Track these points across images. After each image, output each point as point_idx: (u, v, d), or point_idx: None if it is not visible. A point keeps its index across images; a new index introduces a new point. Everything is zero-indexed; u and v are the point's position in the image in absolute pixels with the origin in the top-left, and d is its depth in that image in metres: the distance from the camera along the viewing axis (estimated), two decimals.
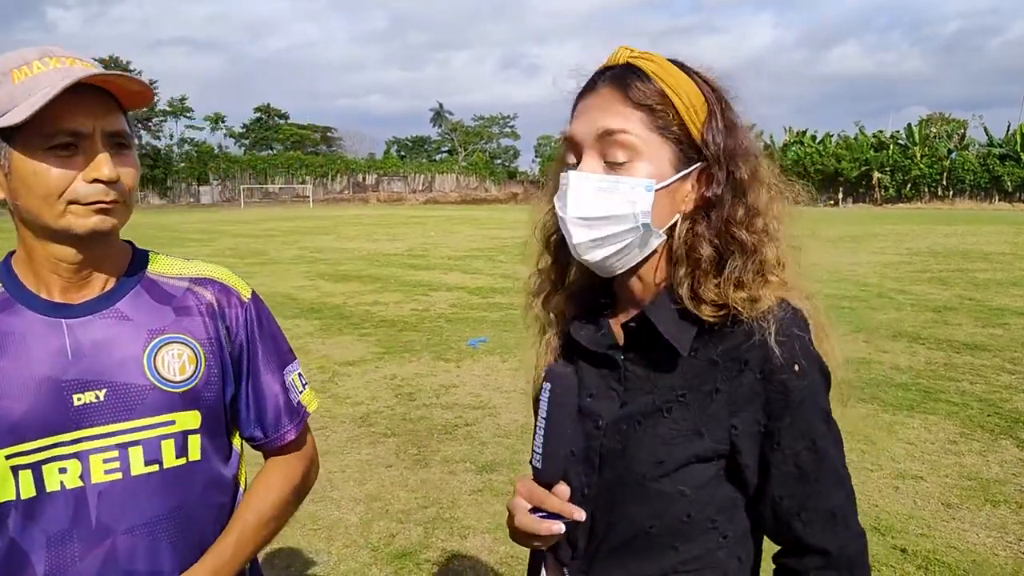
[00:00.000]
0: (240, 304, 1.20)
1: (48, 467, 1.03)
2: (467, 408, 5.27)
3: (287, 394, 1.24)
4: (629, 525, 0.98)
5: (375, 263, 14.62)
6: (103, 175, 0.99)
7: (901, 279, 11.61)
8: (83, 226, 1.01)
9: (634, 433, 0.97)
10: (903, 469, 4.08)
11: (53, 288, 1.07)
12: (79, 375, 1.04)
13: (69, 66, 0.99)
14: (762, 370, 0.92)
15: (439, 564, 3.18)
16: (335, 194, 61.67)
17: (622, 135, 0.93)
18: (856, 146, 53.64)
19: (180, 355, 1.11)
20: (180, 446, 1.10)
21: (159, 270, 1.17)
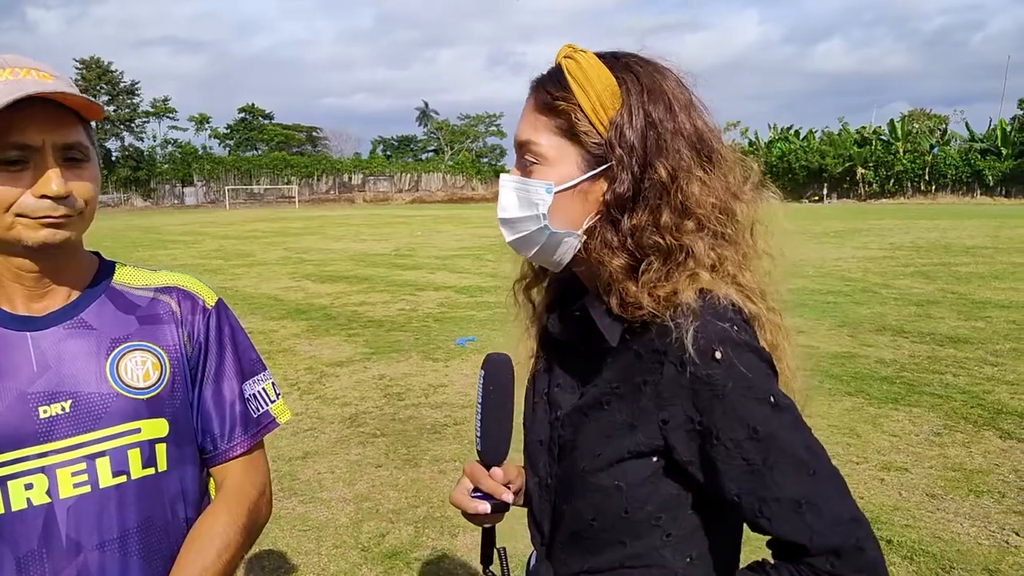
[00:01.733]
0: (203, 311, 1.19)
1: (14, 483, 1.00)
2: (456, 407, 5.27)
3: (245, 404, 1.20)
4: (577, 517, 0.99)
5: (362, 263, 14.57)
6: (51, 191, 0.97)
7: (885, 273, 11.72)
8: (33, 238, 1.00)
9: (583, 425, 0.97)
10: (888, 461, 4.13)
11: (16, 299, 1.06)
12: (45, 387, 1.03)
13: (22, 78, 0.97)
14: (681, 361, 0.87)
15: (430, 563, 3.19)
16: (321, 194, 61.37)
17: (530, 145, 0.96)
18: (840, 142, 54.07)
19: (144, 362, 1.10)
20: (147, 456, 1.08)
21: (124, 280, 1.16)
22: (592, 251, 0.95)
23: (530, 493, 1.09)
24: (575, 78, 0.93)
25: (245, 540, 1.16)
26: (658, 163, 0.91)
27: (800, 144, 55.42)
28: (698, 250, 0.91)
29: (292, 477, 4.06)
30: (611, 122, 0.92)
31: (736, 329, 0.88)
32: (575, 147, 0.94)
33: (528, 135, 0.96)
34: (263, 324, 8.35)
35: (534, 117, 0.96)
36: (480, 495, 1.05)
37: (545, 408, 1.07)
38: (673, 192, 0.91)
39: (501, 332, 7.66)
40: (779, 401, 0.87)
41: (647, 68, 0.95)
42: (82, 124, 1.04)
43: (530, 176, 0.96)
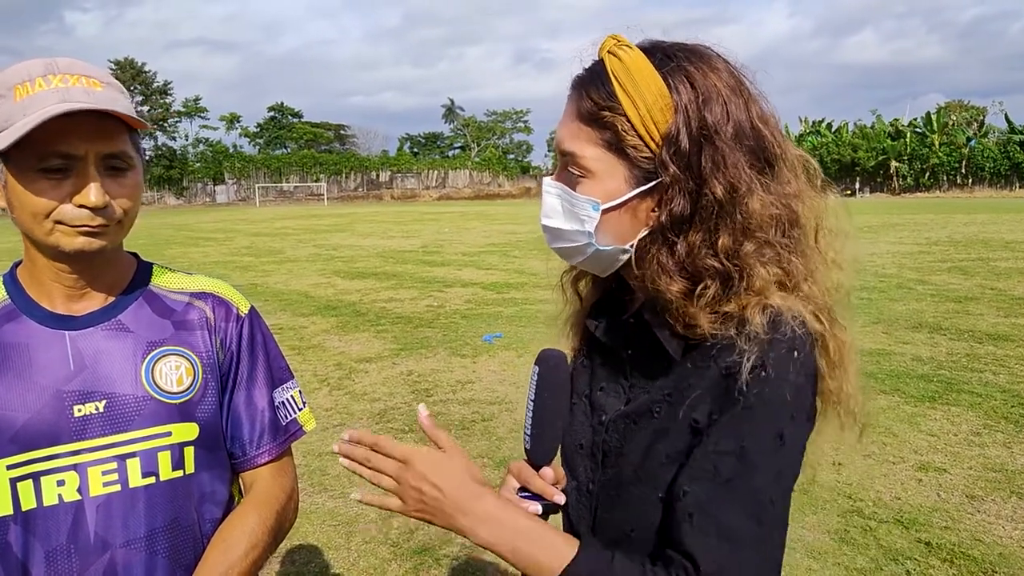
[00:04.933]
0: (236, 318, 1.20)
1: (46, 479, 1.02)
2: (484, 404, 5.28)
3: (274, 412, 1.21)
4: (616, 526, 0.95)
5: (390, 260, 14.65)
6: (89, 202, 0.98)
7: (920, 269, 11.47)
8: (70, 245, 1.01)
9: (631, 433, 0.94)
10: (926, 461, 4.03)
11: (56, 298, 1.07)
12: (80, 386, 1.04)
13: (69, 87, 0.97)
14: (728, 365, 0.84)
15: (459, 560, 3.19)
16: (349, 192, 61.91)
17: (574, 158, 0.90)
18: (873, 135, 53.06)
19: (178, 367, 1.11)
20: (176, 458, 1.09)
21: (161, 284, 1.17)
22: (646, 273, 0.89)
23: (567, 496, 1.04)
24: (622, 84, 0.86)
25: (271, 541, 1.17)
26: (715, 180, 0.84)
27: (832, 137, 54.51)
28: (760, 273, 0.85)
29: (322, 472, 4.09)
30: (663, 137, 0.85)
31: (789, 354, 0.83)
32: (623, 162, 0.88)
33: (571, 146, 0.90)
34: (293, 320, 8.44)
35: (577, 127, 0.90)
36: (529, 495, 0.99)
37: (586, 411, 1.02)
38: (732, 211, 0.84)
39: (529, 328, 7.65)
40: (786, 443, 0.83)
41: (700, 65, 0.87)
42: (128, 132, 1.04)
43: (575, 188, 0.91)
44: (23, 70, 0.98)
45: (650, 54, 0.87)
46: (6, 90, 0.97)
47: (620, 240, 0.91)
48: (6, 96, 0.97)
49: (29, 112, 0.94)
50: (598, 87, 0.88)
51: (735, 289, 0.85)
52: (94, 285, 1.09)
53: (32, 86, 0.97)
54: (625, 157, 0.87)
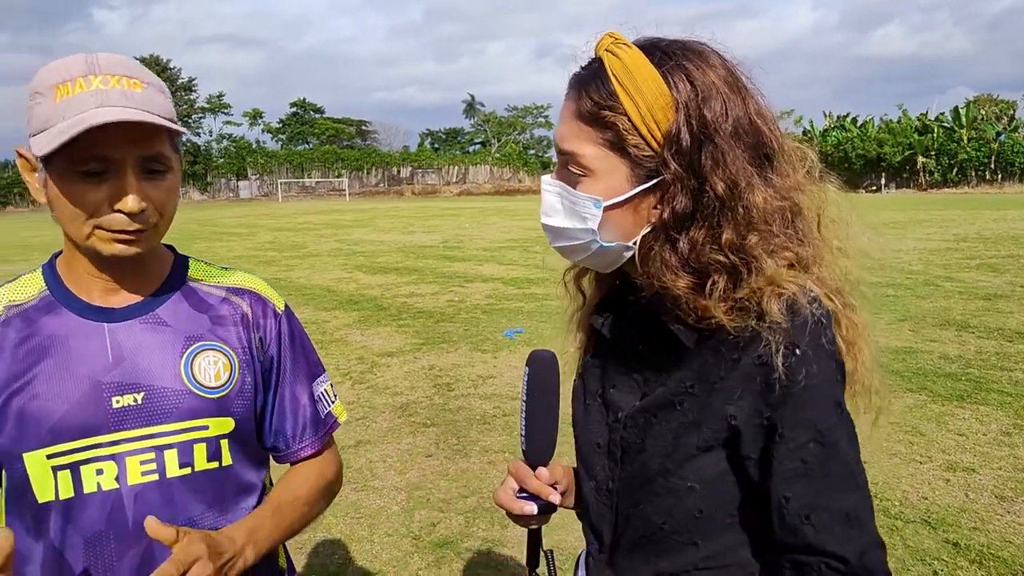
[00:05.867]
0: (274, 315, 1.21)
1: (86, 468, 1.03)
2: (505, 399, 5.28)
3: (315, 406, 1.24)
4: (645, 521, 0.96)
5: (411, 255, 14.71)
6: (126, 207, 0.98)
7: (948, 266, 11.27)
8: (107, 250, 1.01)
9: (651, 427, 0.94)
10: (954, 461, 3.97)
11: (94, 291, 1.08)
12: (118, 378, 1.05)
13: (109, 88, 0.96)
14: (760, 355, 0.84)
15: (480, 554, 3.20)
16: (370, 187, 62.23)
17: (575, 157, 0.90)
18: (899, 130, 52.22)
19: (215, 362, 1.12)
20: (212, 450, 1.10)
21: (198, 277, 1.18)
22: (651, 269, 0.90)
23: (585, 498, 1.05)
24: (621, 82, 0.86)
25: (326, 502, 1.25)
26: (715, 177, 0.85)
27: (856, 132, 53.74)
28: (767, 264, 0.86)
29: (345, 465, 4.08)
30: (664, 135, 0.86)
31: (816, 329, 0.85)
32: (623, 160, 0.88)
33: (571, 146, 0.90)
34: (316, 315, 8.51)
35: (576, 126, 0.90)
36: (526, 496, 1.01)
37: (600, 409, 1.02)
38: (734, 206, 0.85)
39: (549, 324, 7.64)
40: (844, 410, 0.87)
41: (698, 63, 0.87)
42: (167, 132, 1.02)
43: (576, 187, 0.91)
44: (63, 68, 0.97)
45: (648, 52, 0.87)
46: (46, 89, 0.96)
47: (623, 237, 0.92)
48: (46, 95, 0.96)
49: (67, 116, 0.94)
50: (598, 86, 0.88)
51: (744, 280, 0.86)
52: (132, 280, 1.10)
53: (72, 86, 0.95)
54: (626, 156, 0.88)
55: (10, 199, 48.80)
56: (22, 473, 1.03)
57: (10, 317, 1.06)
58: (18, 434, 1.02)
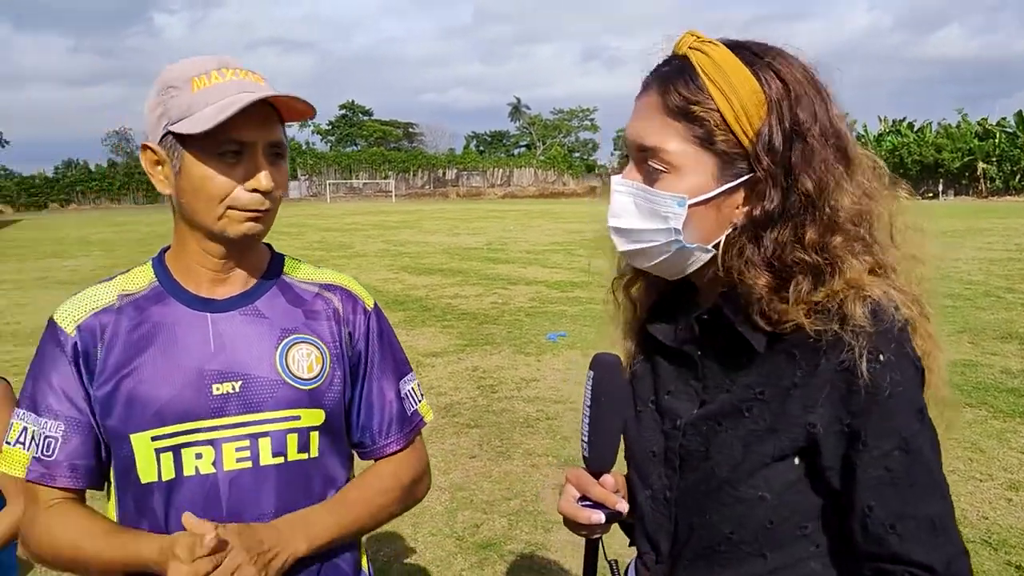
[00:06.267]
0: (364, 312, 1.25)
1: (186, 451, 1.08)
2: (548, 402, 5.27)
3: (401, 403, 1.27)
4: (711, 531, 0.93)
5: (456, 256, 14.81)
6: (262, 186, 1.06)
7: (1011, 276, 10.84)
8: (236, 231, 1.08)
9: (715, 435, 0.91)
10: (1016, 480, 3.81)
11: (200, 282, 1.14)
12: (219, 366, 1.10)
13: (242, 79, 1.06)
14: (842, 361, 0.82)
15: (523, 557, 3.20)
16: (416, 189, 62.87)
17: (658, 152, 0.88)
18: (958, 135, 50.46)
19: (308, 354, 1.16)
20: (303, 441, 1.14)
21: (293, 274, 1.23)
22: (731, 267, 0.88)
23: (640, 507, 1.03)
24: (712, 79, 0.86)
25: (403, 497, 1.25)
26: (805, 176, 0.85)
27: (913, 137, 52.13)
28: (853, 264, 0.85)
29: None
30: (756, 133, 0.85)
31: (900, 335, 0.84)
32: (711, 156, 0.87)
33: (655, 140, 0.88)
34: None
35: (662, 121, 0.88)
36: (590, 504, 0.97)
37: (654, 417, 1.00)
38: (821, 205, 0.85)
39: (593, 328, 7.60)
40: (926, 417, 0.85)
41: (784, 62, 0.87)
42: (281, 125, 1.12)
43: (655, 185, 0.89)
44: (198, 64, 1.06)
45: (736, 51, 0.87)
46: (182, 82, 1.05)
47: (704, 238, 0.90)
48: (182, 88, 1.04)
49: (212, 100, 1.02)
50: (686, 82, 0.87)
51: (826, 281, 0.84)
52: (236, 271, 1.15)
53: (208, 79, 1.04)
54: (715, 152, 0.87)
55: (73, 197, 50.72)
56: (129, 453, 1.08)
57: (123, 306, 1.13)
58: (127, 416, 1.08)
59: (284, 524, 1.09)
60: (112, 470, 1.13)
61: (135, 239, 20.35)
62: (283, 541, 1.06)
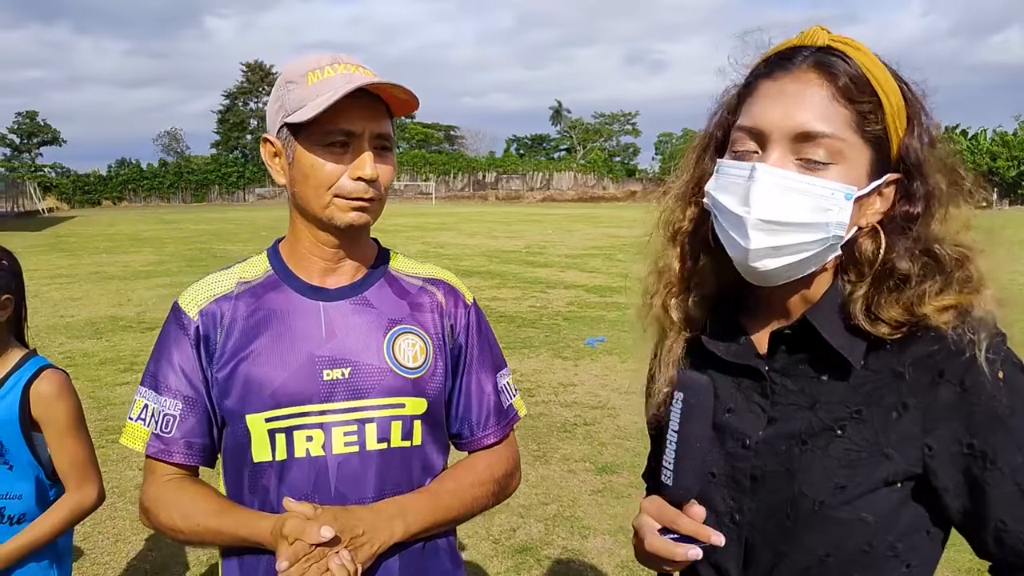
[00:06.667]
0: (464, 306, 1.29)
1: (298, 433, 1.13)
2: (586, 407, 5.25)
3: (498, 396, 1.29)
4: (802, 555, 0.88)
5: (495, 259, 14.85)
6: (365, 174, 1.09)
7: None
8: (342, 219, 1.12)
9: (800, 454, 0.87)
10: None
11: (313, 272, 1.19)
12: (330, 353, 1.15)
13: (352, 72, 1.10)
14: (962, 382, 0.81)
15: (560, 562, 3.18)
16: (456, 192, 63.27)
17: (824, 139, 0.83)
18: (1015, 143, 48.84)
19: (413, 344, 1.20)
20: (406, 429, 1.18)
21: (398, 267, 1.28)
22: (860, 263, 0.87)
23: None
24: (873, 75, 0.84)
25: (496, 490, 1.27)
26: (938, 176, 0.86)
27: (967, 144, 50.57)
28: (979, 265, 0.85)
29: None
30: (904, 130, 0.86)
31: (1008, 349, 0.84)
32: (870, 150, 0.85)
33: (822, 125, 0.82)
34: None
35: (829, 105, 0.83)
36: (678, 537, 0.88)
37: (712, 437, 0.95)
38: (949, 206, 0.87)
39: (632, 334, 7.50)
40: None
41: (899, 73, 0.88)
42: (390, 118, 1.16)
43: (818, 174, 0.83)
44: (313, 61, 1.12)
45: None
46: (299, 77, 1.11)
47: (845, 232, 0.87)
48: (299, 83, 1.10)
49: (322, 93, 1.07)
50: (847, 72, 0.84)
51: (950, 281, 0.85)
52: (346, 261, 1.20)
53: (322, 73, 1.10)
54: (873, 146, 0.85)
55: (125, 195, 52.30)
56: (244, 432, 1.14)
57: (241, 293, 1.19)
58: (243, 397, 1.13)
59: (384, 507, 1.12)
60: (224, 448, 1.19)
61: (182, 236, 20.90)
62: (380, 525, 1.09)
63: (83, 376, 5.94)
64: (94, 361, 6.56)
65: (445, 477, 1.23)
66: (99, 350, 6.98)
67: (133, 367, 6.31)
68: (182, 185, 53.81)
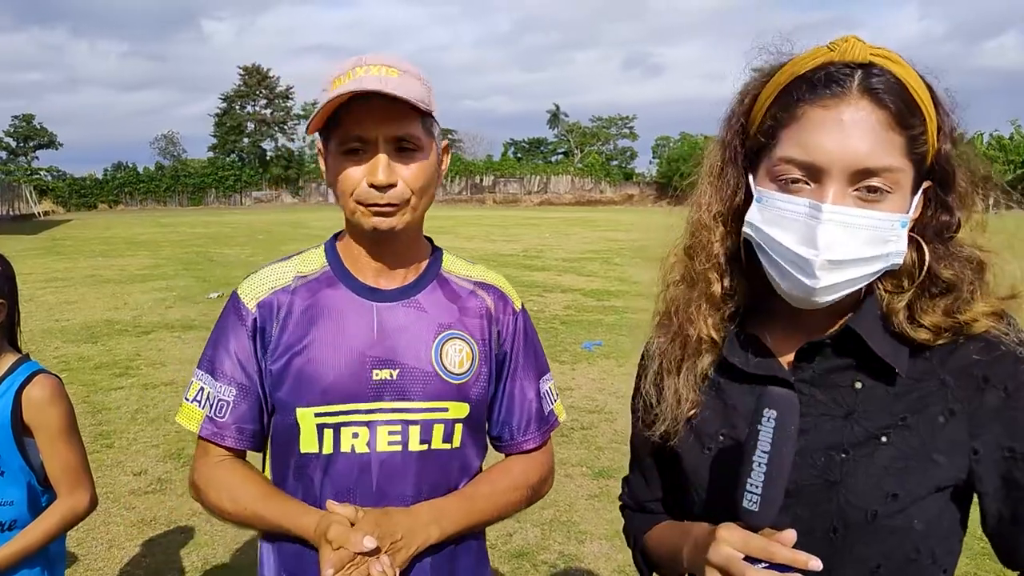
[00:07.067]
0: (513, 312, 1.30)
1: (345, 430, 1.15)
2: (583, 412, 5.24)
3: (540, 402, 1.31)
4: (852, 567, 0.86)
5: (492, 263, 14.72)
6: (376, 180, 1.09)
7: None
8: (366, 224, 1.13)
9: (846, 464, 0.86)
10: None
11: (367, 272, 1.21)
12: (380, 353, 1.16)
13: (370, 75, 1.08)
14: (1006, 387, 0.83)
15: (556, 567, 3.17)
16: (453, 195, 63.30)
17: (886, 172, 0.81)
18: (1011, 147, 49.00)
19: (460, 350, 1.21)
20: (448, 432, 1.19)
21: (450, 269, 1.29)
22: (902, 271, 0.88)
23: None
24: (917, 94, 0.83)
25: (529, 496, 1.28)
26: (961, 180, 0.87)
27: None
28: (1007, 270, 0.87)
29: None
30: (939, 141, 0.86)
31: None
32: (914, 169, 0.85)
33: (885, 159, 0.80)
34: None
35: (888, 136, 0.81)
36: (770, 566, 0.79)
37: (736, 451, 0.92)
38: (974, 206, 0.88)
39: (629, 338, 7.53)
40: None
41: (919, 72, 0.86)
42: (420, 117, 1.12)
43: (876, 207, 0.82)
44: (339, 67, 1.12)
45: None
46: (327, 83, 1.12)
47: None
48: (327, 89, 1.10)
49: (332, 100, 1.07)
50: (900, 92, 0.82)
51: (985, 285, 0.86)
52: (396, 264, 1.21)
53: (344, 78, 1.09)
54: (917, 163, 0.85)
55: (121, 198, 52.20)
56: (293, 424, 1.16)
57: (298, 287, 1.20)
58: (295, 391, 1.15)
59: (421, 511, 1.14)
60: (272, 435, 1.21)
61: (179, 240, 20.86)
62: (418, 528, 1.11)
63: (78, 381, 5.92)
64: (89, 365, 6.54)
65: (481, 480, 1.24)
66: (94, 354, 6.95)
67: (128, 372, 6.29)
68: (179, 188, 53.73)
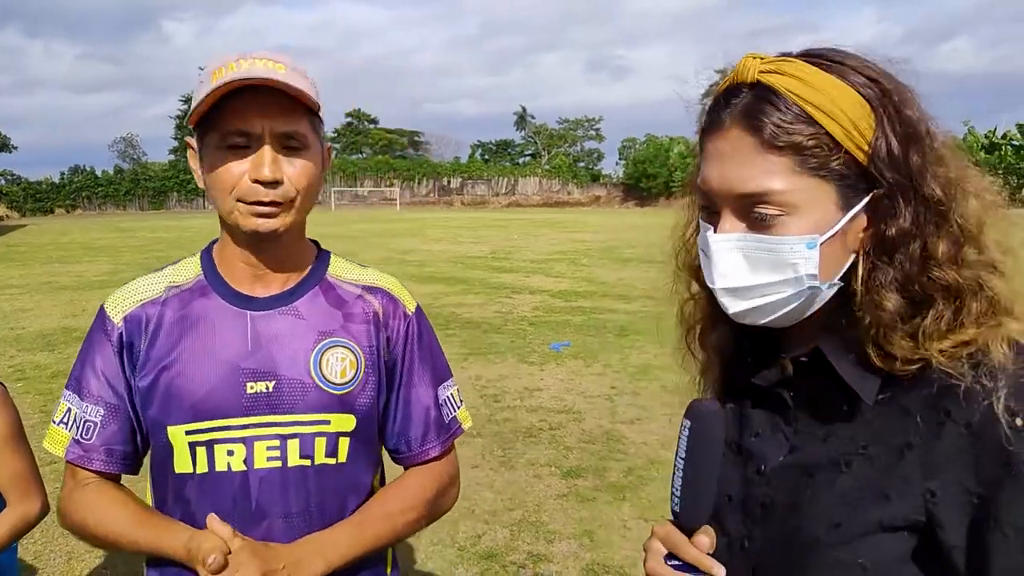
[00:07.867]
0: (404, 316, 1.23)
1: (219, 447, 1.10)
2: (551, 412, 5.26)
3: (439, 410, 1.24)
4: None
5: (460, 265, 14.82)
6: (261, 175, 1.03)
7: None
8: (247, 225, 1.06)
9: (806, 487, 0.83)
10: None
11: (242, 279, 1.14)
12: (254, 365, 1.11)
13: (254, 67, 1.03)
14: (969, 424, 0.73)
15: (525, 567, 3.18)
16: (421, 197, 62.99)
17: (769, 196, 0.77)
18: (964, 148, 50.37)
19: (343, 359, 1.15)
20: (331, 447, 1.13)
21: (337, 273, 1.22)
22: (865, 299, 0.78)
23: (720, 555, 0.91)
24: (806, 99, 0.76)
25: (427, 513, 1.22)
26: (932, 181, 0.76)
27: None
28: (996, 286, 0.76)
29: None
30: (871, 145, 0.76)
31: None
32: (829, 184, 0.77)
33: (759, 184, 0.77)
34: None
35: (763, 160, 0.77)
36: (680, 565, 0.85)
37: (735, 460, 0.92)
38: (950, 214, 0.77)
39: (597, 338, 7.59)
40: None
41: (865, 64, 0.78)
42: (308, 115, 1.08)
43: (772, 231, 0.78)
44: (221, 57, 1.06)
45: (815, 63, 0.78)
46: (206, 76, 1.05)
47: (833, 273, 0.80)
48: (205, 81, 1.05)
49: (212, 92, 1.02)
50: (778, 109, 0.76)
51: (965, 309, 0.76)
52: (275, 268, 1.15)
53: (225, 69, 1.03)
54: (832, 178, 0.77)
55: (79, 202, 50.92)
56: (166, 443, 1.11)
57: (169, 298, 1.14)
58: (165, 408, 1.10)
59: (304, 544, 1.09)
60: (151, 455, 1.16)
61: (139, 245, 20.42)
62: (302, 560, 1.06)
63: (34, 390, 5.76)
64: (46, 374, 6.36)
65: (372, 503, 1.18)
66: (51, 363, 6.77)
67: None
68: (139, 192, 52.54)
